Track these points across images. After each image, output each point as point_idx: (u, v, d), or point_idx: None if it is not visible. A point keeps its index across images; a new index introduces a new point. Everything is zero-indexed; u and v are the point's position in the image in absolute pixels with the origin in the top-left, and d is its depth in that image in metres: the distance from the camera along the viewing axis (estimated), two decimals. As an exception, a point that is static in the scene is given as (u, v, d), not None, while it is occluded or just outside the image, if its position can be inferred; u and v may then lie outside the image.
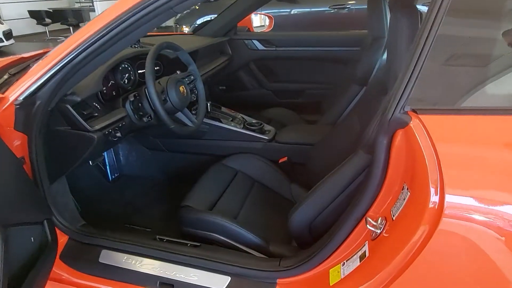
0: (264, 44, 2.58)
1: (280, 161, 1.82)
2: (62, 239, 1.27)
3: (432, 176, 0.74)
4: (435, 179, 0.74)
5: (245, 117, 1.98)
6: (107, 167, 1.99)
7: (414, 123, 0.78)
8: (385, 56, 1.76)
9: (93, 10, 8.41)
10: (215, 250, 1.24)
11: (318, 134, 1.80)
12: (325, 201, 1.14)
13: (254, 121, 1.93)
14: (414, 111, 0.79)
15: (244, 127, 1.89)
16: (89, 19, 9.29)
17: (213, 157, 1.88)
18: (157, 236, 1.30)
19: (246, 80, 2.72)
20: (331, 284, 1.00)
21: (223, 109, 2.05)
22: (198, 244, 1.26)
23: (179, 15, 4.84)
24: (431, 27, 0.77)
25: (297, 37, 2.54)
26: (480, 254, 0.71)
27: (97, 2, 8.09)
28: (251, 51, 2.60)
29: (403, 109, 0.80)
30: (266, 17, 3.06)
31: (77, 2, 9.86)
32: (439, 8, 0.77)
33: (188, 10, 4.86)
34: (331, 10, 4.61)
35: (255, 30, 3.02)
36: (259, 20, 3.18)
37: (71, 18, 8.80)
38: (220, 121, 1.88)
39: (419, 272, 0.78)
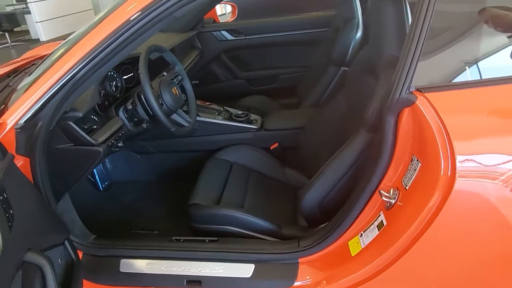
0: (233, 34, 2.59)
1: (272, 148, 1.88)
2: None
3: (442, 144, 0.84)
4: (445, 147, 0.84)
5: (229, 109, 2.01)
6: (96, 177, 1.95)
7: (420, 101, 0.87)
8: (358, 36, 1.86)
9: (29, 13, 7.79)
10: (234, 242, 1.29)
11: (304, 117, 1.87)
12: (334, 180, 1.22)
13: (239, 112, 1.96)
14: (419, 90, 0.88)
15: (231, 119, 1.93)
16: (25, 23, 8.60)
17: (204, 153, 1.91)
18: (173, 238, 1.32)
19: (218, 72, 2.72)
20: (353, 255, 1.09)
21: (198, 102, 2.05)
22: (216, 238, 1.30)
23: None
24: (427, 7, 0.84)
25: (265, 24, 2.57)
26: (494, 208, 0.83)
27: (32, 3, 7.50)
28: (221, 42, 2.60)
29: (408, 90, 0.89)
30: (228, 5, 3.04)
31: (8, 6, 9.07)
32: None
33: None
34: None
35: (221, 19, 3.00)
36: (220, 9, 3.16)
37: (5, 23, 8.10)
38: (198, 115, 1.88)
39: (439, 232, 0.89)
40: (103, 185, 1.98)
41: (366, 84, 1.35)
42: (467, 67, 0.88)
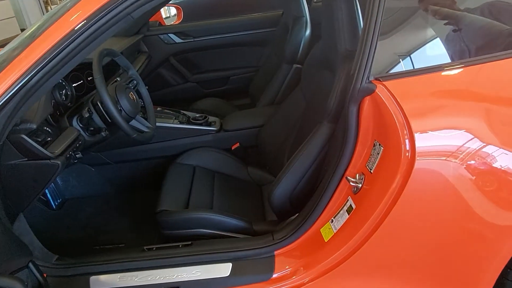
0: (180, 36, 2.56)
1: (233, 148, 1.90)
2: (42, 279, 1.17)
3: (401, 128, 0.92)
4: (404, 130, 0.92)
5: (186, 113, 1.98)
6: (48, 195, 1.81)
7: (379, 89, 0.94)
8: (307, 33, 1.94)
9: None
10: (208, 243, 1.28)
11: (262, 116, 1.91)
12: (301, 172, 1.27)
13: (197, 115, 1.95)
14: (377, 79, 0.95)
15: (190, 123, 1.90)
16: None
17: (164, 159, 1.86)
18: (145, 247, 1.28)
19: (168, 76, 2.67)
20: (326, 240, 1.14)
21: None
22: (190, 242, 1.28)
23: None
24: (379, 3, 0.92)
25: (212, 25, 2.57)
26: (450, 185, 0.93)
27: None
28: (169, 45, 2.56)
29: (368, 79, 0.95)
30: (172, 7, 2.99)
31: None
32: None
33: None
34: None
35: (166, 22, 2.94)
36: (164, 12, 3.10)
37: None
38: None
39: (403, 210, 0.97)
40: (56, 203, 1.85)
41: (322, 79, 1.42)
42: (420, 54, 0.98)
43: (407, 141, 0.92)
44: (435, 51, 1.05)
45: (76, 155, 1.24)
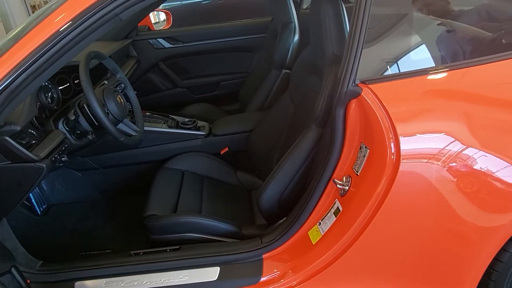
0: (170, 41, 2.55)
1: (222, 152, 1.89)
2: (25, 285, 1.14)
3: (386, 130, 0.93)
4: (389, 133, 0.93)
5: (175, 117, 1.98)
6: (32, 200, 1.77)
7: (365, 92, 0.96)
8: (295, 39, 1.96)
9: None
10: (196, 247, 1.28)
11: (251, 120, 1.92)
12: (289, 175, 1.27)
13: (186, 119, 1.94)
14: (363, 82, 0.97)
15: (178, 127, 1.90)
16: None
17: (152, 164, 1.85)
18: (132, 252, 1.26)
19: (157, 81, 2.66)
20: (314, 243, 1.15)
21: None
22: (177, 247, 1.27)
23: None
24: (364, 7, 0.94)
25: (202, 31, 2.58)
26: (432, 187, 0.94)
27: None
28: (158, 50, 2.55)
29: (354, 83, 0.97)
30: (162, 12, 2.99)
31: None
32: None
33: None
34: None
35: (155, 27, 2.94)
36: (153, 17, 3.10)
37: None
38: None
39: (389, 210, 0.98)
40: (41, 209, 1.81)
41: (310, 83, 1.43)
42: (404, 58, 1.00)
43: (392, 143, 0.93)
44: (420, 56, 1.08)
45: (62, 159, 1.22)
